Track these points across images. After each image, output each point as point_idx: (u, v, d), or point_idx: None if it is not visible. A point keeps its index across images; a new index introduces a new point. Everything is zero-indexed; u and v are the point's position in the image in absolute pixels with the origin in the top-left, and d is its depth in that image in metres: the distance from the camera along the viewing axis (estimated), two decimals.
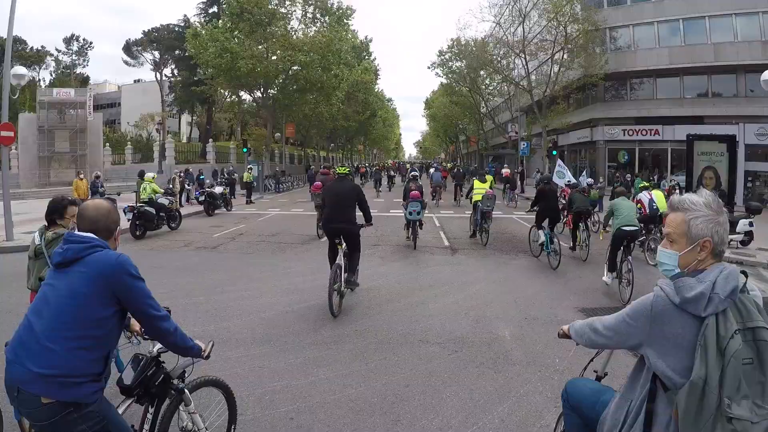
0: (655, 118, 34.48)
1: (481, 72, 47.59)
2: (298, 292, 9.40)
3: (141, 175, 21.01)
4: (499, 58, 42.93)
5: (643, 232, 12.16)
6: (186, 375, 3.50)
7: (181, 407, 3.40)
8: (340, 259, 8.47)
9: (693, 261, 2.28)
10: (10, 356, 2.60)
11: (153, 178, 18.34)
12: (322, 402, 5.21)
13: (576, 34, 35.01)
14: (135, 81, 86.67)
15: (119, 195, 22.51)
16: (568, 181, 19.84)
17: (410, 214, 14.62)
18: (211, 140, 53.60)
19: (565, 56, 36.38)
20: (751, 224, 13.94)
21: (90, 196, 18.11)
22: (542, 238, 12.23)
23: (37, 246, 4.79)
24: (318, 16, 42.96)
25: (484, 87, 52.05)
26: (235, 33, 38.77)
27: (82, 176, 18.79)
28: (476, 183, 16.03)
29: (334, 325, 7.57)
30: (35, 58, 68.95)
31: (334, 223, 8.67)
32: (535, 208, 12.83)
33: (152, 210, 16.29)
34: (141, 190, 17.41)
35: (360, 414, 4.99)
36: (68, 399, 2.52)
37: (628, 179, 30.07)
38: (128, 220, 15.62)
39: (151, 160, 43.88)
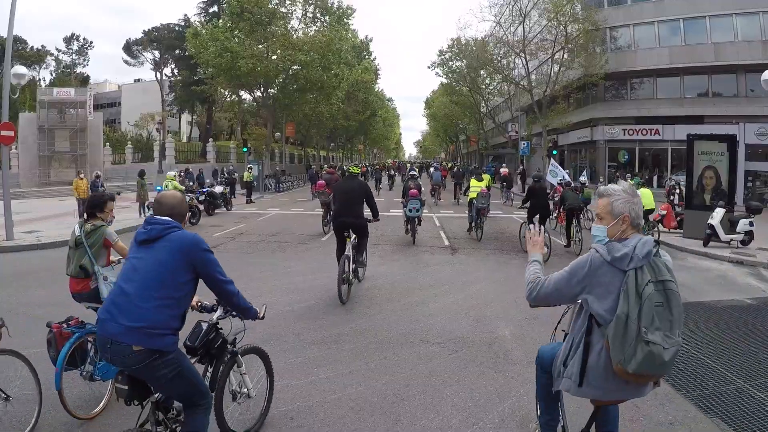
0: (656, 117, 34.49)
1: (482, 71, 47.60)
2: (298, 292, 9.39)
3: (141, 174, 21.02)
4: (499, 58, 42.92)
5: None
6: (237, 341, 4.23)
7: (234, 368, 4.15)
8: (349, 251, 9.07)
9: (617, 231, 3.10)
10: (103, 316, 3.24)
11: (174, 176, 20.07)
12: (322, 401, 5.21)
13: (576, 34, 35.02)
14: (135, 80, 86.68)
15: (119, 194, 22.48)
16: (561, 180, 20.30)
17: (410, 211, 15.12)
18: (211, 140, 53.61)
19: (566, 56, 36.38)
20: (751, 224, 13.93)
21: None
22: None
23: (78, 237, 5.20)
24: (318, 15, 42.95)
25: (484, 87, 52.06)
26: (236, 32, 38.76)
27: (82, 176, 18.79)
28: (473, 181, 16.87)
29: (335, 324, 7.57)
30: (35, 57, 68.93)
31: (343, 218, 9.28)
32: (526, 204, 13.49)
33: None
34: (163, 187, 18.75)
35: (360, 413, 4.99)
36: (154, 347, 3.14)
37: (628, 178, 30.08)
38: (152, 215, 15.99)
39: (151, 160, 43.88)
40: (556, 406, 3.76)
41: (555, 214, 17.24)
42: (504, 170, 30.74)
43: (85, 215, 5.40)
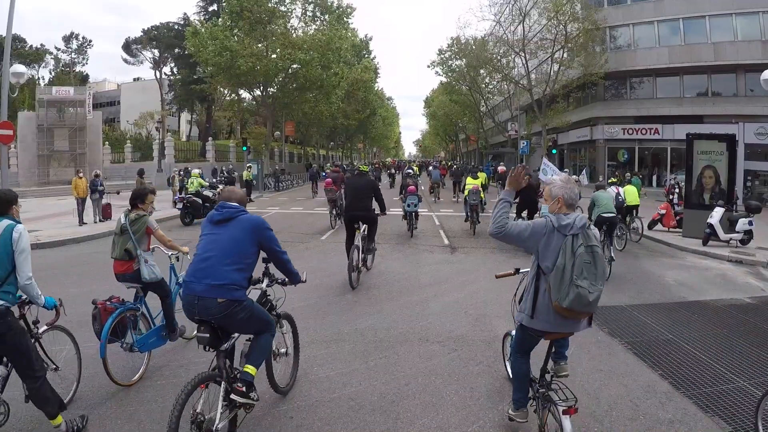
0: (655, 117, 34.52)
1: (481, 71, 47.56)
2: (297, 291, 9.31)
3: (140, 173, 21.01)
4: (499, 57, 42.90)
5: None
6: (277, 307, 5.13)
7: (277, 328, 4.92)
8: (358, 242, 9.97)
9: (555, 209, 4.06)
10: (190, 278, 4.16)
11: (198, 174, 21.26)
12: (321, 400, 5.22)
13: (576, 33, 35.02)
14: (134, 79, 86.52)
15: (118, 193, 22.46)
16: (552, 178, 20.42)
17: (408, 206, 16.08)
18: (210, 139, 53.58)
19: (565, 55, 36.39)
20: (750, 223, 13.94)
21: (89, 195, 18.23)
22: None
23: (123, 224, 5.86)
24: (318, 14, 42.87)
25: (483, 86, 52.03)
26: (235, 31, 38.70)
27: (81, 175, 18.75)
28: (468, 179, 18.24)
29: (334, 323, 7.57)
30: (34, 56, 68.91)
31: (353, 211, 10.34)
32: (516, 200, 13.29)
33: (199, 200, 18.97)
34: (189, 183, 20.52)
35: (360, 412, 4.99)
36: (233, 298, 4.08)
37: (628, 177, 30.13)
38: (179, 209, 18.71)
39: (150, 159, 43.87)
40: (526, 383, 4.48)
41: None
42: (501, 168, 31.02)
43: (129, 206, 6.11)
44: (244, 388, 4.11)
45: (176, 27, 63.29)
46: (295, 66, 39.42)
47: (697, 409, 5.08)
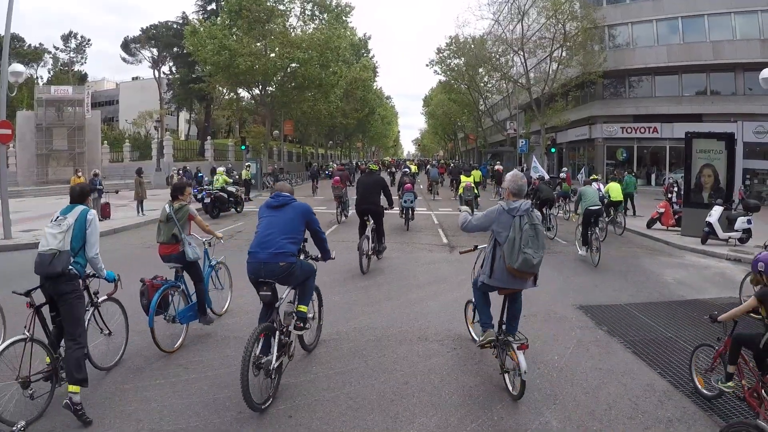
0: (654, 115, 34.54)
1: (480, 69, 47.54)
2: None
3: (139, 172, 20.97)
4: (497, 56, 42.89)
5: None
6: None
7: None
8: (369, 232, 11.31)
9: (505, 197, 5.41)
10: (255, 249, 5.36)
11: (223, 171, 23.55)
12: (320, 399, 5.22)
13: (575, 32, 35.02)
14: (133, 78, 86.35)
15: (117, 192, 22.45)
16: (539, 176, 22.26)
17: (405, 202, 17.42)
18: (209, 138, 53.53)
19: (564, 54, 36.36)
20: (749, 222, 13.95)
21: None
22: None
23: (168, 213, 6.83)
24: (316, 13, 42.85)
25: (482, 84, 52.00)
26: (234, 30, 38.66)
27: (79, 174, 18.77)
28: (462, 177, 20.41)
29: (333, 322, 7.57)
30: (33, 55, 68.76)
31: (363, 205, 11.63)
32: (532, 200, 15.07)
33: (225, 195, 21.38)
34: (214, 180, 22.78)
35: (359, 411, 4.99)
36: (291, 262, 5.33)
37: (631, 174, 30.26)
38: (206, 203, 20.75)
39: (149, 158, 43.85)
40: (488, 310, 5.88)
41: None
42: (498, 167, 31.41)
43: (170, 197, 7.12)
44: (301, 324, 5.63)
45: (175, 26, 63.16)
46: (293, 65, 39.39)
47: (696, 408, 5.08)
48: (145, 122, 63.94)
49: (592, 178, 17.14)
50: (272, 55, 38.90)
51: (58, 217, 5.21)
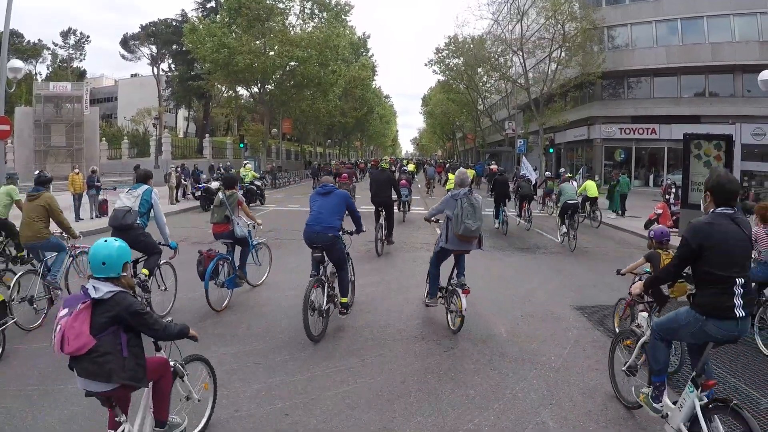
0: (652, 117, 34.57)
1: (479, 69, 47.53)
2: (294, 288, 9.38)
3: (137, 169, 20.96)
4: (496, 56, 42.88)
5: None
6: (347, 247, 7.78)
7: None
8: (382, 221, 13.52)
9: (454, 186, 7.62)
10: (311, 223, 7.12)
11: (251, 167, 27.35)
12: (317, 398, 5.22)
13: (574, 33, 35.01)
14: (132, 75, 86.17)
15: (115, 189, 22.44)
16: (523, 175, 24.15)
17: (402, 196, 18.29)
18: (207, 135, 53.42)
19: (563, 54, 36.36)
20: None
21: (86, 191, 18.18)
22: (498, 216, 17.46)
23: (222, 199, 8.43)
24: (316, 11, 42.84)
25: (481, 84, 51.98)
26: (233, 28, 38.63)
27: (77, 171, 18.69)
28: (450, 175, 21.94)
29: (331, 321, 7.55)
30: (32, 51, 68.57)
31: (378, 198, 13.95)
32: (492, 192, 18.75)
33: (254, 188, 24.21)
34: (243, 175, 25.29)
35: (355, 410, 4.99)
36: (336, 234, 7.12)
37: (625, 175, 30.26)
38: (197, 196, 22.60)
39: (147, 155, 43.78)
40: (437, 282, 7.68)
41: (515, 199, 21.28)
42: (493, 167, 31.62)
43: (224, 188, 8.92)
44: (345, 310, 7.43)
45: (174, 23, 63.07)
46: (292, 63, 39.38)
47: None
48: (143, 119, 63.78)
49: (567, 176, 19.30)
50: (271, 53, 38.89)
51: (129, 189, 7.54)
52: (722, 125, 28.24)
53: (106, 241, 3.54)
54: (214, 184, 23.75)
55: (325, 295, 6.98)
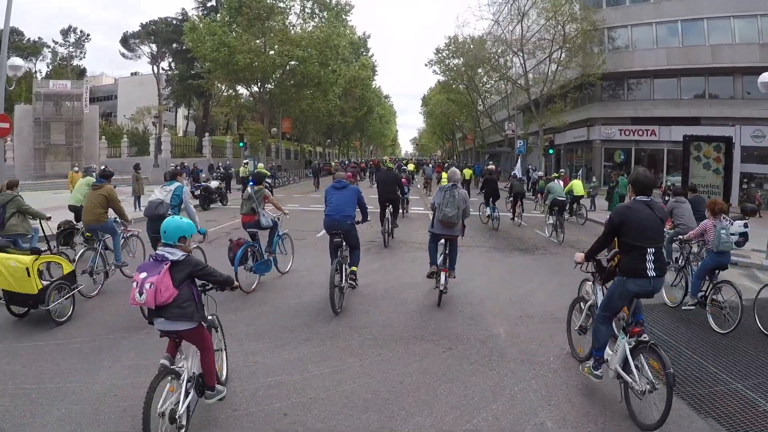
0: (652, 118, 34.52)
1: (479, 70, 47.51)
2: (293, 288, 9.40)
3: (136, 168, 20.93)
4: (496, 56, 42.86)
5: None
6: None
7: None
8: (388, 215, 14.74)
9: (445, 182, 12.17)
10: (331, 212, 8.52)
11: (263, 166, 27.75)
12: (316, 398, 5.22)
13: (574, 34, 35.00)
14: (132, 74, 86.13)
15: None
16: (514, 174, 26.63)
17: (405, 193, 19.59)
18: (207, 134, 53.41)
19: (563, 55, 36.35)
20: (746, 225, 13.94)
21: None
22: (489, 212, 18.35)
23: (250, 193, 9.65)
24: (316, 11, 42.84)
25: (481, 85, 51.96)
26: (233, 27, 38.63)
27: (77, 168, 18.69)
28: (443, 174, 24.71)
29: (329, 321, 7.57)
30: (32, 49, 68.53)
31: (385, 195, 14.95)
32: (482, 190, 19.51)
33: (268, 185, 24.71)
34: (247, 173, 27.41)
35: (354, 410, 4.99)
36: (352, 221, 8.67)
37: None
38: (197, 195, 22.55)
39: (147, 154, 43.75)
40: (435, 254, 8.96)
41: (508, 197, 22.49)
42: (491, 167, 32.02)
43: (253, 183, 10.03)
44: (354, 276, 8.87)
45: (174, 22, 63.09)
46: (292, 63, 39.40)
47: (691, 411, 5.10)
48: (143, 118, 63.68)
49: (554, 176, 21.42)
50: (271, 52, 38.90)
51: (163, 185, 8.77)
52: (722, 127, 28.25)
53: (173, 218, 4.73)
54: (214, 183, 23.77)
55: (344, 275, 8.29)
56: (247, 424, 4.68)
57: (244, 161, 31.52)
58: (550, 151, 39.63)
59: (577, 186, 20.05)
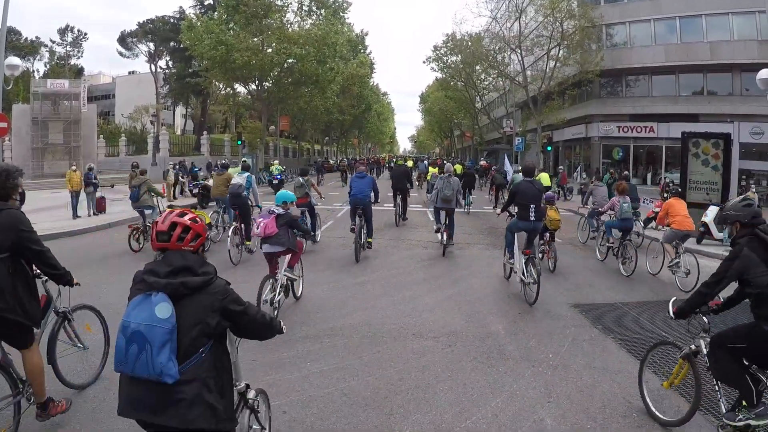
0: (651, 115, 34.51)
1: (477, 67, 47.47)
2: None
3: (134, 166, 20.91)
4: (494, 54, 42.81)
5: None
6: None
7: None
8: (399, 202, 17.98)
9: (440, 174, 16.17)
10: (355, 193, 12.44)
11: (276, 163, 31.79)
12: (315, 395, 5.21)
13: (572, 31, 34.95)
14: (129, 72, 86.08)
15: (113, 187, 22.40)
16: (498, 168, 28.62)
17: (413, 186, 22.58)
18: (205, 133, 53.34)
19: (561, 52, 36.31)
20: None
21: (84, 188, 18.10)
22: (464, 201, 19.97)
23: (301, 182, 13.48)
24: (314, 8, 42.77)
25: (479, 82, 51.91)
26: (231, 25, 38.59)
27: (75, 168, 18.64)
28: (430, 168, 29.22)
29: (327, 319, 7.57)
30: (29, 48, 68.43)
31: (397, 186, 17.86)
32: (461, 182, 21.98)
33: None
34: (274, 170, 31.02)
35: (353, 407, 4.99)
36: (369, 200, 12.64)
37: (626, 174, 30.23)
38: (194, 193, 23.83)
39: (145, 152, 43.66)
40: (440, 219, 12.92)
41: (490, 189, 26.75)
42: (483, 163, 32.79)
43: (300, 175, 14.23)
44: (369, 244, 12.57)
45: (172, 20, 62.98)
46: (290, 60, 39.34)
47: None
48: (141, 116, 63.56)
49: (520, 169, 22.38)
50: (269, 50, 38.84)
51: (239, 173, 12.77)
52: (720, 124, 28.22)
53: (283, 191, 8.32)
54: (212, 182, 23.78)
55: (363, 235, 12.01)
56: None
57: (243, 159, 31.46)
58: (549, 149, 39.61)
59: (544, 178, 22.71)
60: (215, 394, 2.73)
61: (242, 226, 12.19)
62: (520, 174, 20.60)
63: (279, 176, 29.75)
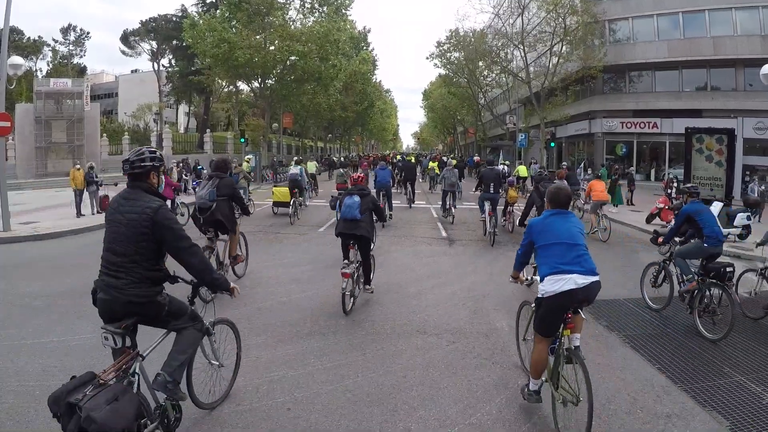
0: (654, 111, 34.45)
1: (480, 63, 47.39)
2: (294, 283, 9.39)
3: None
4: (497, 50, 42.74)
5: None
6: None
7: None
8: (409, 194, 21.81)
9: (441, 168, 26.64)
10: (380, 180, 17.92)
11: (314, 163, 31.77)
12: (319, 392, 5.22)
13: (575, 26, 34.86)
14: (132, 71, 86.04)
15: (116, 185, 22.35)
16: (490, 161, 29.46)
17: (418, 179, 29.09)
18: (208, 130, 53.36)
19: (564, 48, 36.22)
20: (748, 218, 13.95)
21: (86, 186, 18.12)
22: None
23: (341, 173, 21.58)
24: (316, 6, 42.65)
25: (482, 78, 51.82)
26: (233, 23, 38.48)
27: (78, 166, 18.65)
28: (431, 163, 32.66)
29: (331, 315, 7.57)
30: (32, 48, 68.44)
31: (408, 177, 22.18)
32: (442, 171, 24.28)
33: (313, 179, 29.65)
34: (307, 167, 29.32)
35: (357, 404, 4.99)
36: (389, 185, 18.59)
37: (632, 170, 30.17)
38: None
39: None
40: (445, 202, 18.18)
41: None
42: (477, 158, 33.94)
43: (341, 167, 25.06)
44: (391, 214, 17.46)
45: (174, 19, 62.94)
46: (293, 58, 39.21)
47: (695, 404, 5.09)
48: (144, 115, 63.77)
49: (501, 162, 27.65)
50: (271, 48, 38.74)
51: (294, 166, 19.59)
52: (724, 119, 28.18)
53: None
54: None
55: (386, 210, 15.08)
56: (251, 418, 4.68)
57: (246, 157, 31.51)
58: (552, 145, 39.53)
59: (522, 170, 26.57)
60: (370, 226, 8.12)
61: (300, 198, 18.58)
62: (504, 168, 26.21)
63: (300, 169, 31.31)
